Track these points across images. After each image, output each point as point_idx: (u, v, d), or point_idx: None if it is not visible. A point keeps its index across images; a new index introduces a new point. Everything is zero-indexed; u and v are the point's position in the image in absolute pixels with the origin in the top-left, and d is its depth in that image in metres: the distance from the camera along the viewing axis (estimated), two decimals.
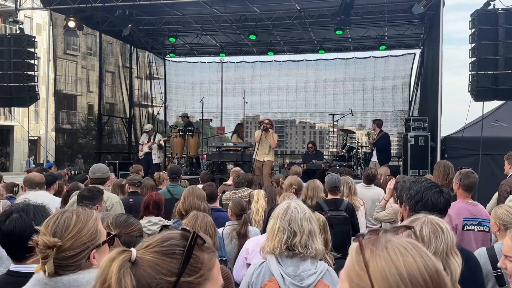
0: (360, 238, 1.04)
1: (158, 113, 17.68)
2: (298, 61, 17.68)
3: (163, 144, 12.87)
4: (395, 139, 16.67)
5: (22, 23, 12.15)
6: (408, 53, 16.45)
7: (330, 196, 5.29)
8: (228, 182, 7.63)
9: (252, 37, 13.88)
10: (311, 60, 17.59)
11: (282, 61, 17.82)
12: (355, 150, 12.69)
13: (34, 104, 12.55)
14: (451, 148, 9.91)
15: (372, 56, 16.89)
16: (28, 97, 11.33)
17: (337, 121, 14.14)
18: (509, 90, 8.74)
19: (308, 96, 17.92)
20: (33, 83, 11.42)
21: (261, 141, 10.41)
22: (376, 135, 11.86)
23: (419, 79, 15.21)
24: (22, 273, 2.06)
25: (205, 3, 11.97)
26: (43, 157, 13.27)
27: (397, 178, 5.34)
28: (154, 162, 12.14)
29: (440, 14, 10.01)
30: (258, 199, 4.93)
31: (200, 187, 4.89)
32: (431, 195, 2.49)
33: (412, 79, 16.32)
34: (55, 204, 4.60)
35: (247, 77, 18.34)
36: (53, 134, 14.33)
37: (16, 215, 2.16)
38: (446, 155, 9.59)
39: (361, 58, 17.02)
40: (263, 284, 2.55)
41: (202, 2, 11.79)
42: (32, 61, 11.42)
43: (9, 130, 34.40)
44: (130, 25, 12.60)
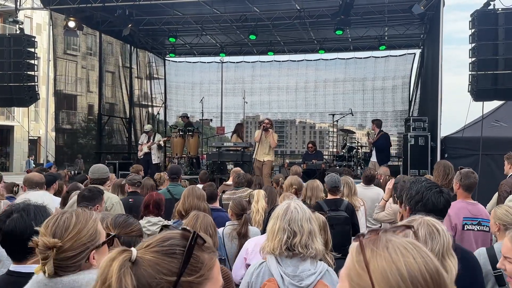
0: (361, 238, 1.05)
1: (158, 113, 17.68)
2: (298, 61, 17.67)
3: (162, 145, 12.87)
4: (395, 139, 16.67)
5: (22, 23, 12.15)
6: (408, 53, 16.45)
7: (330, 196, 5.29)
8: (228, 182, 7.63)
9: (252, 37, 13.88)
10: (311, 60, 17.59)
11: (282, 61, 17.81)
12: (355, 150, 12.68)
13: (34, 104, 12.54)
14: (451, 148, 9.90)
15: (372, 56, 16.90)
16: (28, 97, 11.32)
17: (337, 121, 14.13)
18: (509, 90, 8.74)
19: (308, 96, 17.91)
20: (33, 83, 11.41)
21: (261, 141, 10.40)
22: (376, 135, 11.85)
23: (419, 79, 15.20)
24: (22, 273, 2.06)
25: (205, 3, 11.97)
26: (43, 157, 13.25)
27: (397, 178, 5.32)
28: (154, 162, 12.14)
29: (440, 14, 10.00)
30: (258, 199, 4.91)
31: (200, 187, 4.88)
32: (431, 195, 2.49)
33: (412, 79, 16.32)
34: (55, 204, 4.60)
35: (247, 77, 18.34)
36: (53, 134, 14.33)
37: (16, 215, 2.16)
38: (446, 155, 9.58)
39: (361, 58, 17.04)
40: (262, 284, 2.55)
41: (202, 2, 11.79)
42: (32, 61, 11.41)
43: (9, 130, 34.40)
44: (130, 25, 12.60)
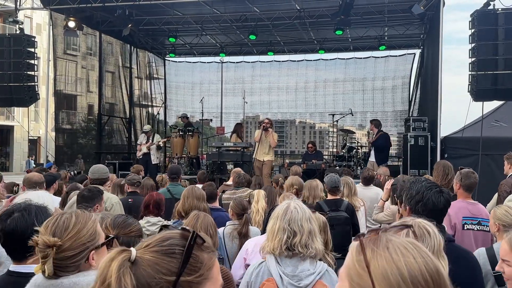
0: (361, 238, 1.05)
1: (158, 113, 17.67)
2: (298, 61, 17.68)
3: (162, 145, 12.86)
4: (395, 139, 16.67)
5: (22, 23, 12.14)
6: (408, 53, 16.45)
7: (330, 197, 5.28)
8: (228, 182, 7.62)
9: (252, 37, 13.87)
10: (311, 60, 17.60)
11: (282, 61, 17.82)
12: (355, 150, 12.68)
13: (34, 104, 12.53)
14: (451, 148, 9.90)
15: (372, 56, 16.90)
16: (28, 97, 11.32)
17: (337, 121, 14.13)
18: (509, 90, 8.73)
19: (308, 96, 17.92)
20: (33, 83, 11.40)
21: (261, 140, 10.39)
22: (374, 135, 11.86)
23: (419, 79, 15.20)
24: (22, 273, 2.07)
25: (205, 3, 11.97)
26: (43, 157, 13.25)
27: (396, 179, 5.32)
28: (153, 163, 12.12)
29: (440, 14, 10.00)
30: (258, 199, 4.89)
31: (199, 187, 4.87)
32: (432, 195, 2.49)
33: (412, 79, 16.32)
34: (55, 204, 4.59)
35: (247, 77, 18.34)
36: (53, 134, 14.33)
37: (17, 214, 2.17)
38: (446, 155, 9.58)
39: (361, 58, 17.04)
40: (261, 284, 2.55)
41: (202, 2, 11.79)
42: (32, 61, 11.41)
43: (9, 130, 34.41)
44: (130, 25, 12.59)
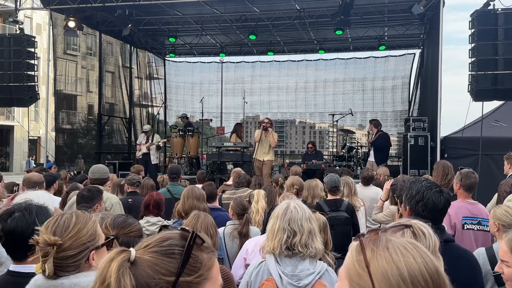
0: (361, 237, 1.05)
1: (158, 113, 17.67)
2: (298, 61, 17.68)
3: (161, 145, 12.85)
4: (394, 139, 16.66)
5: (22, 23, 12.14)
6: (408, 53, 16.46)
7: (330, 197, 5.28)
8: (229, 182, 7.62)
9: (252, 37, 13.87)
10: (311, 60, 17.60)
11: (282, 61, 17.82)
12: (354, 150, 12.68)
13: (34, 104, 12.53)
14: (451, 148, 9.90)
15: (372, 56, 16.90)
16: (28, 97, 11.32)
17: (337, 121, 14.13)
18: (509, 90, 8.73)
19: (308, 96, 17.92)
20: (33, 83, 11.40)
21: (261, 140, 10.39)
22: (374, 135, 11.88)
23: (419, 79, 15.19)
24: (22, 273, 2.07)
25: (205, 3, 11.97)
26: (43, 157, 13.25)
27: (396, 179, 5.31)
28: (153, 163, 12.10)
29: (440, 14, 10.00)
30: (258, 199, 4.88)
31: (199, 187, 4.87)
32: (432, 194, 2.49)
33: (412, 79, 16.32)
34: (54, 204, 4.59)
35: (247, 77, 18.34)
36: (53, 134, 14.33)
37: (18, 214, 2.17)
38: (445, 155, 9.58)
39: (361, 58, 17.04)
40: (261, 283, 2.55)
41: (202, 2, 11.78)
42: (32, 61, 11.40)
43: (9, 130, 34.41)
44: (130, 25, 12.58)
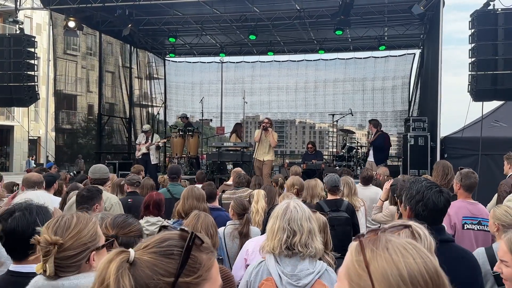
0: (361, 238, 1.05)
1: (158, 113, 17.65)
2: (298, 61, 17.68)
3: (161, 145, 12.83)
4: (394, 139, 16.66)
5: (22, 23, 12.13)
6: (407, 53, 16.45)
7: (330, 197, 5.27)
8: (228, 182, 7.62)
9: (252, 37, 13.87)
10: (311, 60, 17.60)
11: (282, 61, 17.82)
12: (354, 150, 12.68)
13: (34, 104, 12.53)
14: (451, 148, 9.90)
15: (372, 56, 16.90)
16: (28, 97, 11.32)
17: (336, 121, 14.13)
18: (509, 90, 8.73)
19: (308, 96, 17.92)
20: (33, 83, 11.39)
21: (261, 140, 10.39)
22: (373, 135, 11.89)
23: (418, 79, 15.19)
24: (22, 273, 2.07)
25: (205, 3, 11.97)
26: (43, 157, 13.25)
27: (396, 179, 5.31)
28: (152, 163, 12.08)
29: (439, 14, 9.99)
30: (258, 199, 4.88)
31: (199, 187, 4.86)
32: (432, 194, 2.49)
33: (411, 79, 16.32)
34: (54, 204, 4.59)
35: (247, 77, 18.34)
36: (53, 134, 14.33)
37: (18, 214, 2.18)
38: (445, 155, 9.58)
39: (360, 58, 17.04)
40: (260, 283, 2.55)
41: (202, 2, 11.78)
42: (32, 61, 11.40)
43: (9, 130, 34.41)
44: (130, 25, 12.57)
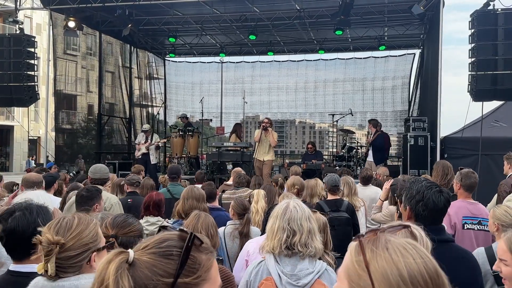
0: (361, 238, 1.05)
1: (158, 113, 17.65)
2: (298, 61, 17.68)
3: (161, 145, 12.82)
4: (394, 139, 16.66)
5: (22, 23, 12.13)
6: (407, 53, 16.45)
7: (330, 197, 5.27)
8: (229, 182, 7.61)
9: (252, 37, 13.87)
10: (311, 60, 17.60)
11: (282, 61, 17.82)
12: (354, 150, 12.68)
13: (34, 104, 12.53)
14: (451, 148, 9.90)
15: (372, 56, 16.90)
16: (28, 97, 11.32)
17: (336, 121, 14.13)
18: (508, 91, 8.73)
19: (307, 96, 17.92)
20: (33, 83, 11.39)
21: (260, 140, 10.39)
22: (372, 135, 11.90)
23: (418, 79, 15.19)
24: (22, 272, 2.08)
25: (205, 3, 11.97)
26: (43, 157, 13.25)
27: (396, 179, 5.31)
28: (152, 163, 12.09)
29: (439, 14, 9.99)
30: (258, 200, 4.87)
31: (199, 187, 4.86)
32: (432, 194, 2.49)
33: (411, 79, 16.32)
34: (54, 204, 4.58)
35: (247, 77, 18.34)
36: (53, 134, 14.32)
37: (19, 213, 2.18)
38: (445, 155, 9.58)
39: (360, 58, 17.04)
40: (260, 283, 2.55)
41: (202, 2, 11.78)
42: (32, 61, 11.40)
43: (9, 130, 34.40)
44: (130, 25, 12.57)
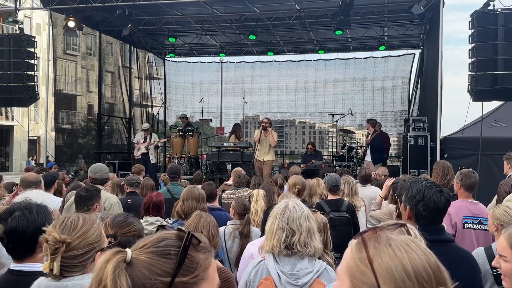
0: (363, 235, 1.06)
1: (158, 113, 17.64)
2: (297, 61, 17.68)
3: (160, 145, 12.81)
4: (394, 139, 16.67)
5: (22, 23, 12.12)
6: (407, 54, 16.46)
7: (330, 197, 5.27)
8: (228, 182, 7.60)
9: (252, 37, 13.87)
10: (310, 60, 17.60)
11: (282, 61, 17.82)
12: (354, 150, 12.68)
13: (33, 104, 12.53)
14: (451, 148, 9.90)
15: (372, 57, 16.90)
16: (28, 97, 11.32)
17: (336, 121, 14.14)
18: (508, 91, 8.73)
19: (307, 96, 17.92)
20: (33, 83, 11.39)
21: (260, 140, 10.39)
22: (371, 135, 11.92)
23: (418, 79, 15.19)
24: (23, 271, 2.08)
25: (205, 3, 11.96)
26: (43, 157, 13.25)
27: (398, 178, 5.32)
28: (152, 162, 12.09)
29: (439, 14, 9.99)
30: (257, 200, 4.87)
31: (199, 187, 4.85)
32: (432, 194, 2.49)
33: (411, 80, 16.33)
34: (53, 204, 4.57)
35: (246, 77, 18.34)
36: (53, 134, 14.32)
37: (18, 213, 2.18)
38: (445, 155, 9.58)
39: (360, 58, 17.04)
40: (259, 282, 2.55)
41: (202, 2, 11.78)
42: (32, 61, 11.40)
43: (8, 130, 34.39)
44: (130, 25, 12.57)
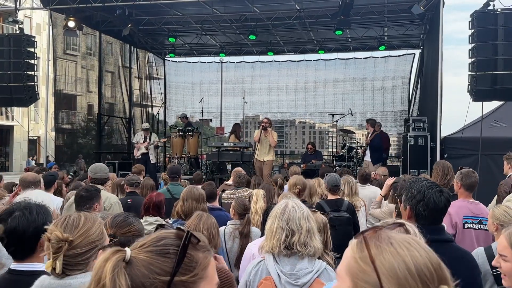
0: (364, 234, 1.06)
1: (158, 113, 17.64)
2: (297, 61, 17.68)
3: (160, 145, 12.80)
4: (394, 139, 16.67)
5: (22, 23, 12.12)
6: (407, 54, 16.46)
7: (330, 196, 5.26)
8: (228, 182, 7.60)
9: (252, 37, 13.87)
10: (310, 60, 17.60)
11: (282, 61, 17.82)
12: (354, 150, 12.68)
13: (33, 104, 12.53)
14: (451, 148, 9.90)
15: (372, 57, 16.90)
16: (28, 97, 11.32)
17: (336, 121, 14.14)
18: (508, 91, 8.73)
19: (307, 96, 17.93)
20: (33, 83, 11.39)
21: (260, 140, 10.39)
22: (370, 135, 11.93)
23: (418, 79, 15.20)
24: (24, 271, 2.09)
25: (205, 3, 11.97)
26: (43, 157, 13.25)
27: (398, 178, 5.32)
28: (152, 162, 12.09)
29: (439, 14, 9.98)
30: (257, 200, 4.87)
31: (199, 187, 4.85)
32: (432, 194, 2.49)
33: (411, 80, 16.33)
34: (53, 203, 4.57)
35: (246, 77, 18.35)
36: (53, 134, 14.32)
37: (18, 213, 2.18)
38: (445, 155, 9.57)
39: (360, 58, 17.05)
40: (259, 282, 2.55)
41: (202, 2, 11.78)
42: (32, 61, 11.40)
43: (8, 130, 34.39)
44: (130, 25, 12.57)
